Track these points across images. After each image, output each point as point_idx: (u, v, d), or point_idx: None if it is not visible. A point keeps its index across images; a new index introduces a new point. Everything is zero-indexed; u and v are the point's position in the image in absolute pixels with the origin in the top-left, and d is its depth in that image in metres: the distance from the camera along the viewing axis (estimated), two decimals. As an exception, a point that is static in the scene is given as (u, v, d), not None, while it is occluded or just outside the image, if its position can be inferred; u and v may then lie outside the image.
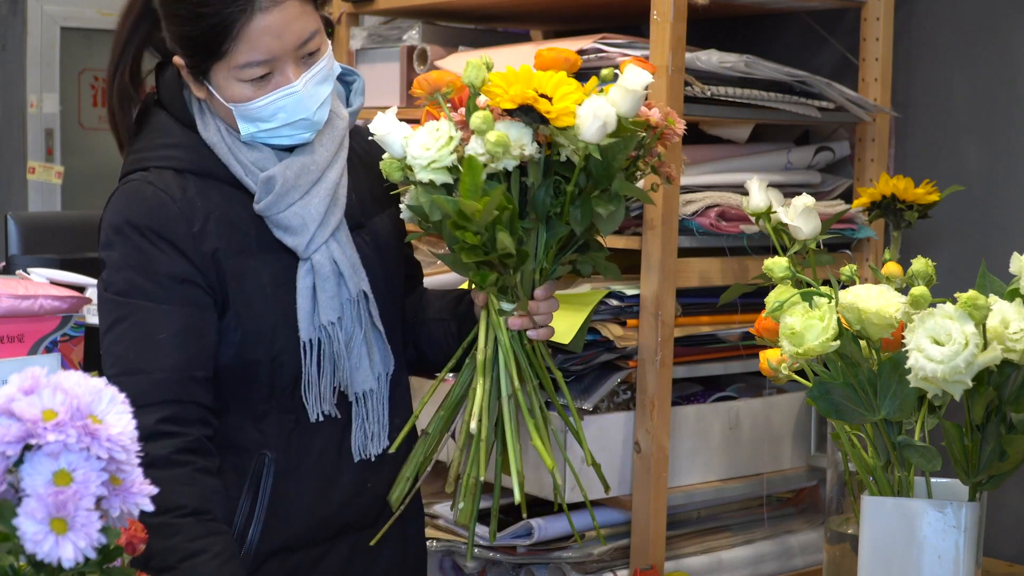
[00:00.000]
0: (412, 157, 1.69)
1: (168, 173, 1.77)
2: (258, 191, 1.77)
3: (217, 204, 1.77)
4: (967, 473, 1.65)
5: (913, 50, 2.63)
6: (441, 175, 1.69)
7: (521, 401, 1.78)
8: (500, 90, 1.66)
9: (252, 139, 1.78)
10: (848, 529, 1.89)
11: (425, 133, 1.70)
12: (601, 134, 1.67)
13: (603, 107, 1.66)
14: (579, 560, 2.32)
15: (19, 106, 6.31)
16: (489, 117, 1.65)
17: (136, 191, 1.77)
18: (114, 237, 1.76)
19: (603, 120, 1.66)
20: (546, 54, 1.75)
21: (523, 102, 1.64)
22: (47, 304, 1.96)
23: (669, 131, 1.81)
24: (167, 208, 1.74)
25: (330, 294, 1.79)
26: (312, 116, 1.76)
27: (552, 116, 1.65)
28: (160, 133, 1.81)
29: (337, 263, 1.80)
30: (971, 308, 1.55)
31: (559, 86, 1.67)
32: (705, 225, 2.30)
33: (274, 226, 1.78)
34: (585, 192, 1.73)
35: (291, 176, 1.76)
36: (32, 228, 3.86)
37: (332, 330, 1.79)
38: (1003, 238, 2.49)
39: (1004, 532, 2.44)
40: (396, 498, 1.82)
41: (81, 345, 2.03)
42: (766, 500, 2.53)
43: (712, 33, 2.65)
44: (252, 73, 1.71)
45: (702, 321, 2.37)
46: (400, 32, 2.80)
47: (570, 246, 1.79)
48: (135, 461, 1.06)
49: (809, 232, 1.97)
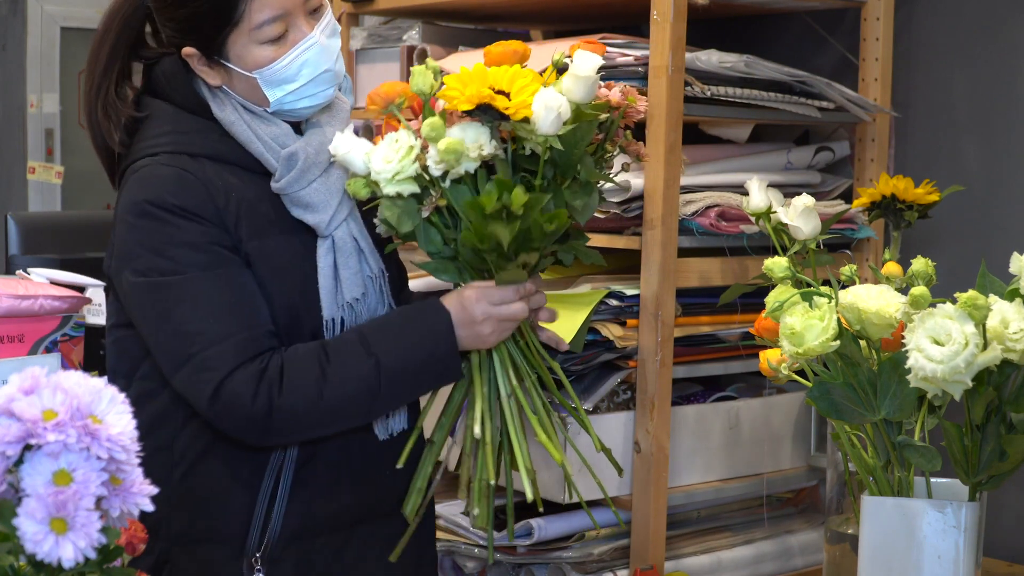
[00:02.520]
0: (376, 172, 1.66)
1: (183, 157, 1.76)
2: (280, 168, 1.77)
3: (235, 186, 1.77)
4: (967, 473, 1.65)
5: (913, 50, 2.63)
6: (407, 186, 1.66)
7: (521, 398, 1.77)
8: (456, 92, 1.63)
9: (280, 107, 1.78)
10: (848, 529, 1.89)
11: (385, 146, 1.66)
12: (557, 125, 1.65)
13: (554, 98, 1.64)
14: (579, 560, 2.32)
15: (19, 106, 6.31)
16: (439, 124, 1.62)
17: (151, 173, 1.75)
18: (138, 221, 1.73)
19: (556, 111, 1.64)
20: (494, 49, 1.73)
21: (480, 101, 1.62)
22: (47, 304, 1.96)
23: (631, 110, 1.80)
24: (189, 184, 1.73)
25: (353, 270, 1.80)
26: (334, 66, 1.79)
27: (511, 111, 1.63)
28: (165, 121, 1.79)
29: (357, 240, 1.81)
30: (971, 308, 1.55)
31: (515, 79, 1.65)
32: (705, 225, 2.30)
33: (294, 204, 1.78)
34: (555, 183, 1.72)
35: (312, 152, 1.78)
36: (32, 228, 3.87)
37: (357, 306, 1.80)
38: (1003, 238, 2.49)
39: (1004, 532, 2.44)
40: (411, 510, 1.82)
41: (81, 345, 2.03)
42: (766, 500, 2.53)
43: (712, 33, 2.65)
44: (269, 32, 1.73)
45: (702, 321, 2.37)
46: (400, 32, 2.80)
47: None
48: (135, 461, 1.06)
49: (809, 232, 1.97)
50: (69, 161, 6.35)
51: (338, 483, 1.83)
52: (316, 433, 1.77)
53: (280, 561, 1.79)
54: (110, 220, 1.81)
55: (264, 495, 1.78)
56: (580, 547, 2.33)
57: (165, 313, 1.71)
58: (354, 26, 2.91)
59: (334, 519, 1.83)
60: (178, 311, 1.70)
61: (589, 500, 1.95)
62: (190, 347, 1.70)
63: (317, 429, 1.76)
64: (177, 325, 1.70)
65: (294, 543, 1.80)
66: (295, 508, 1.80)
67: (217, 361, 1.68)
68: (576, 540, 2.34)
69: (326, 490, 1.82)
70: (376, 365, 1.71)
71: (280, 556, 1.79)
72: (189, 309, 1.70)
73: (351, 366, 1.71)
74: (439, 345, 1.74)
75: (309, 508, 1.81)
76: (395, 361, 1.72)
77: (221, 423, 1.72)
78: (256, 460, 1.78)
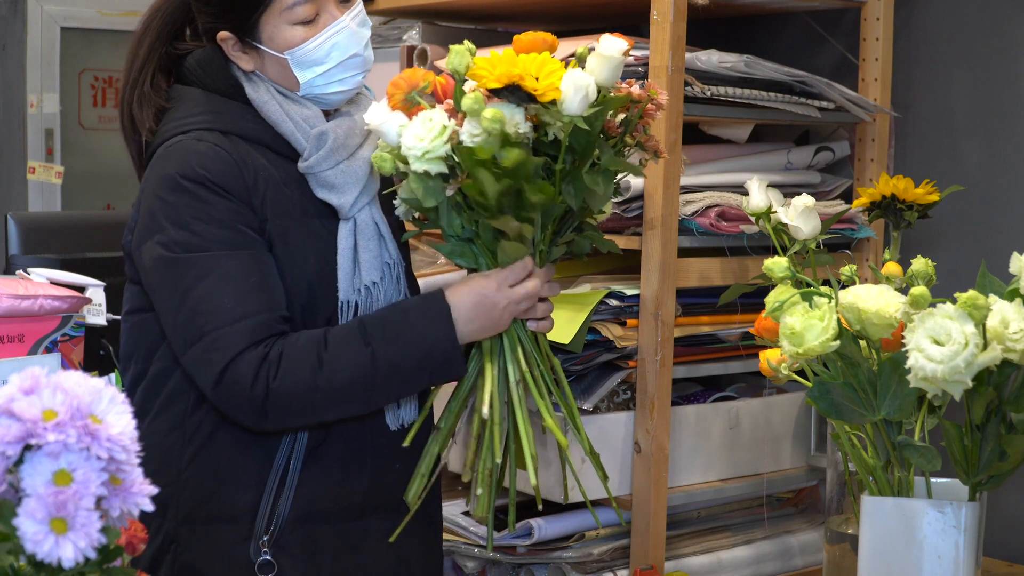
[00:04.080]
0: (407, 148, 1.69)
1: (215, 134, 1.79)
2: (309, 147, 1.80)
3: (264, 166, 1.80)
4: (967, 473, 1.65)
5: (913, 50, 2.63)
6: (436, 165, 1.69)
7: (530, 383, 1.78)
8: (486, 71, 1.67)
9: (310, 90, 1.82)
10: (848, 529, 1.89)
11: (419, 123, 1.70)
12: (584, 105, 1.67)
13: (582, 77, 1.67)
14: (579, 560, 2.32)
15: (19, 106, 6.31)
16: (480, 97, 1.66)
17: (184, 147, 1.78)
18: (169, 195, 1.75)
19: (584, 91, 1.66)
20: (524, 38, 1.76)
21: (509, 81, 1.65)
22: (47, 304, 1.96)
23: (653, 104, 1.80)
24: (222, 159, 1.76)
25: (373, 253, 1.82)
26: (363, 52, 1.83)
27: (539, 92, 1.65)
28: (197, 103, 1.83)
29: (378, 225, 1.84)
30: (971, 308, 1.55)
31: (543, 65, 1.68)
32: (705, 225, 2.30)
33: (319, 185, 1.81)
34: (575, 168, 1.73)
35: (341, 134, 1.82)
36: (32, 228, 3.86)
37: (375, 290, 1.82)
38: (1003, 238, 2.49)
39: (1004, 532, 2.44)
40: (413, 495, 1.82)
41: (81, 345, 2.03)
42: (766, 500, 2.53)
43: (712, 33, 2.65)
44: (300, 13, 1.78)
45: (702, 321, 2.37)
46: (400, 32, 2.80)
47: (565, 227, 1.80)
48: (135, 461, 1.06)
49: (809, 232, 1.97)
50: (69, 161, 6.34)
51: (348, 470, 1.83)
52: (312, 420, 1.78)
53: (287, 545, 1.80)
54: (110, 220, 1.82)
55: (275, 477, 1.79)
56: (580, 547, 2.33)
57: (185, 289, 1.73)
58: (354, 26, 2.91)
59: (343, 507, 1.84)
60: (197, 288, 1.72)
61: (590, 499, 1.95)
62: (205, 324, 1.71)
63: (312, 416, 1.76)
64: (195, 302, 1.72)
65: (302, 528, 1.81)
66: (304, 492, 1.80)
67: (229, 341, 1.70)
68: (576, 540, 2.34)
69: (336, 476, 1.83)
70: (372, 355, 1.72)
71: (288, 540, 1.80)
72: (209, 287, 1.72)
73: (347, 355, 1.72)
74: (438, 336, 1.74)
75: (318, 493, 1.81)
76: (392, 351, 1.73)
77: (223, 404, 1.74)
78: (267, 443, 1.79)
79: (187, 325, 1.72)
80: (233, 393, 1.71)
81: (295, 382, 1.71)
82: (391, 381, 1.75)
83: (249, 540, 1.79)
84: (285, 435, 1.80)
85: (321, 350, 1.72)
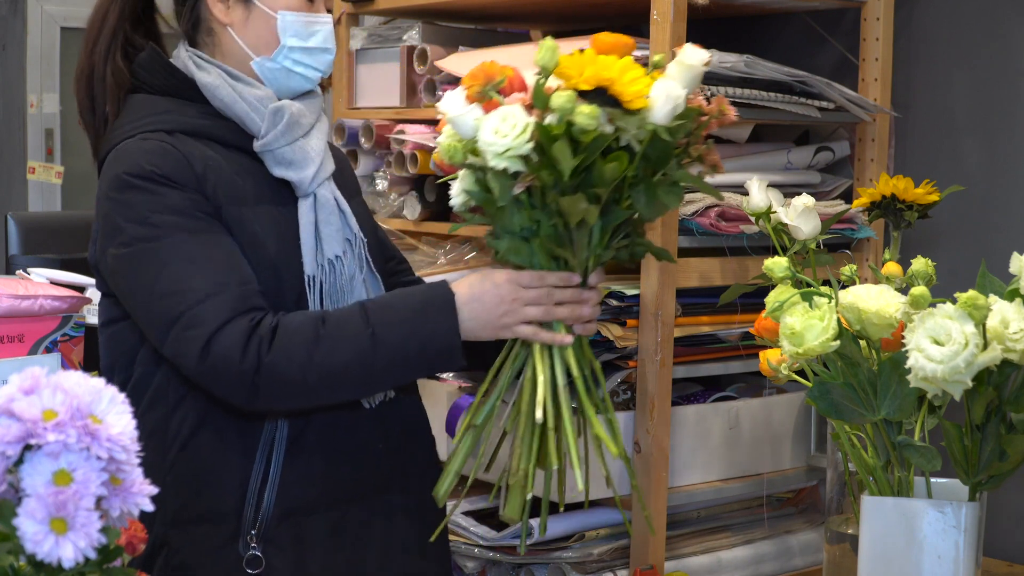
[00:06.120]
0: (485, 143, 1.64)
1: (159, 133, 1.79)
2: (265, 124, 1.80)
3: (211, 157, 1.79)
4: (967, 473, 1.65)
5: (913, 50, 2.63)
6: (515, 163, 1.65)
7: (580, 388, 1.75)
8: (574, 72, 1.62)
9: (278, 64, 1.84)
10: (848, 529, 1.89)
11: (496, 119, 1.65)
12: (671, 116, 1.64)
13: (674, 88, 1.64)
14: (579, 560, 2.32)
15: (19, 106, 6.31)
16: (572, 96, 1.61)
17: (130, 148, 1.78)
18: (120, 195, 1.75)
19: (675, 102, 1.63)
20: (605, 39, 1.71)
21: (599, 84, 1.61)
22: (47, 304, 1.96)
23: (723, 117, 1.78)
24: (169, 153, 1.76)
25: (335, 227, 1.82)
26: (332, 53, 1.88)
27: (627, 99, 1.62)
28: (142, 107, 1.84)
29: (338, 201, 1.85)
30: (971, 308, 1.55)
31: (625, 71, 1.64)
32: (705, 225, 2.30)
33: (276, 163, 1.81)
34: (645, 176, 1.71)
35: (296, 112, 1.82)
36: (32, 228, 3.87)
37: (338, 264, 1.81)
38: (1003, 238, 2.49)
39: (1004, 532, 2.44)
40: (443, 493, 1.78)
41: (81, 345, 2.03)
42: (766, 500, 2.53)
43: (712, 33, 2.65)
44: None
45: (702, 321, 2.37)
46: (400, 32, 2.80)
47: (619, 233, 1.78)
48: (135, 461, 1.06)
49: (809, 232, 1.97)
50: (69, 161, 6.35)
51: (329, 459, 1.82)
52: (306, 399, 1.75)
53: (276, 539, 1.79)
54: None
55: (257, 472, 1.79)
56: (580, 547, 2.33)
57: (152, 279, 1.71)
58: (354, 26, 2.91)
59: (328, 496, 1.83)
60: (165, 273, 1.71)
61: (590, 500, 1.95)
62: (179, 305, 1.69)
63: (306, 397, 1.74)
64: (164, 288, 1.70)
65: (289, 520, 1.80)
66: (288, 485, 1.79)
67: (207, 315, 1.68)
68: (576, 540, 2.34)
69: (318, 466, 1.82)
70: (372, 336, 1.70)
71: (275, 534, 1.79)
72: (176, 270, 1.71)
73: (347, 334, 1.70)
74: (440, 324, 1.72)
75: (302, 484, 1.81)
76: (393, 334, 1.71)
77: (210, 382, 1.71)
78: (247, 437, 1.79)
79: (161, 312, 1.70)
80: (220, 368, 1.68)
81: (290, 357, 1.68)
82: (391, 365, 1.72)
83: (237, 537, 1.78)
84: (265, 428, 1.78)
85: (319, 327, 1.70)
